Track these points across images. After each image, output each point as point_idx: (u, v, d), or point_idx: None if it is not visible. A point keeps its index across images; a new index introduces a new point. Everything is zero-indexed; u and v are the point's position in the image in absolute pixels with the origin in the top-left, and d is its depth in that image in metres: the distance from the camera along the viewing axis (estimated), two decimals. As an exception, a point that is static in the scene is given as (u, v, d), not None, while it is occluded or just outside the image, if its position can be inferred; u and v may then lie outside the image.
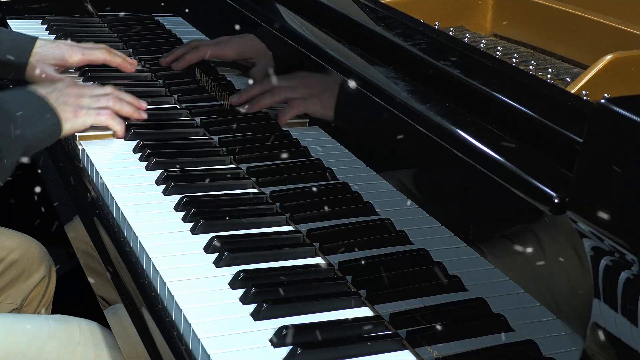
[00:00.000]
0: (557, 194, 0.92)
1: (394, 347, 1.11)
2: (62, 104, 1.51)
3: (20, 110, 1.42)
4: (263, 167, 1.50)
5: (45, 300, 1.77)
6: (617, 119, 0.85)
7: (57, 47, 1.80)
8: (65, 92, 1.53)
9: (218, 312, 1.14)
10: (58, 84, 1.54)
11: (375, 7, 1.48)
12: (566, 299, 0.95)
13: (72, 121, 1.51)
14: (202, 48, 1.80)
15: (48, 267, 1.77)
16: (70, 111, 1.51)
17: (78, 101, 1.53)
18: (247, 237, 1.33)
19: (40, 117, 1.46)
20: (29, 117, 1.43)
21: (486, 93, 1.12)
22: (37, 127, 1.44)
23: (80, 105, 1.53)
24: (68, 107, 1.51)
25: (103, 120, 1.55)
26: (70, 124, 1.50)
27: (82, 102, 1.54)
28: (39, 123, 1.45)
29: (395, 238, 1.23)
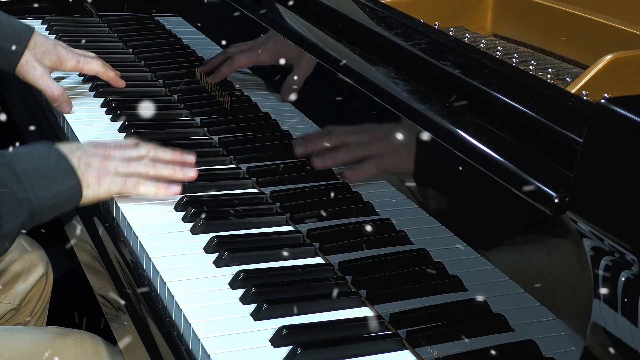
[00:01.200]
0: (557, 194, 0.92)
1: (394, 347, 1.11)
2: (85, 165, 1.29)
3: (31, 168, 1.22)
4: (263, 167, 1.50)
5: (43, 299, 1.76)
6: (617, 119, 0.85)
7: (54, 47, 1.71)
8: (91, 152, 1.31)
9: (218, 312, 1.14)
10: (84, 144, 1.34)
11: (375, 7, 1.48)
12: (566, 299, 0.95)
13: (95, 188, 1.30)
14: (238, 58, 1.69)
15: (45, 266, 1.77)
16: (93, 175, 1.29)
17: (104, 164, 1.31)
18: (247, 237, 1.33)
19: (56, 178, 1.24)
20: (41, 177, 1.22)
21: (486, 93, 1.12)
22: (49, 189, 1.23)
23: (106, 170, 1.31)
24: (91, 170, 1.29)
25: (130, 189, 1.34)
26: (92, 191, 1.29)
27: (109, 165, 1.32)
28: (52, 185, 1.23)
29: (395, 238, 1.23)
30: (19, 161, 1.22)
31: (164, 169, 1.37)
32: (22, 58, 1.67)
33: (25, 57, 1.68)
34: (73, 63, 1.72)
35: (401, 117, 1.19)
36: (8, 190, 1.18)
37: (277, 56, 1.56)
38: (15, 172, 1.21)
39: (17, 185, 1.19)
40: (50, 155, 1.26)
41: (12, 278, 1.70)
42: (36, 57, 1.68)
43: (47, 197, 1.22)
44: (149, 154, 1.37)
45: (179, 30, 2.07)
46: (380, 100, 1.23)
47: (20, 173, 1.21)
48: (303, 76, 1.51)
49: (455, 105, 1.15)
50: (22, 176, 1.21)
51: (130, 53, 2.01)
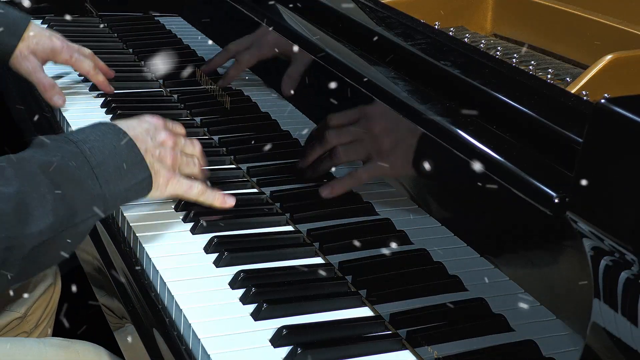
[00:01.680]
0: (557, 194, 0.92)
1: (394, 347, 1.11)
2: (159, 161, 1.24)
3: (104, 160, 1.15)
4: (263, 167, 1.50)
5: (50, 309, 1.75)
6: (617, 119, 0.85)
7: (49, 40, 1.70)
8: (161, 145, 1.25)
9: (218, 312, 1.14)
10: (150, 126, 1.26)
11: (375, 7, 1.48)
12: (566, 299, 0.95)
13: (162, 189, 1.26)
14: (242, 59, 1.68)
15: (54, 275, 1.75)
16: (164, 176, 1.25)
17: (174, 162, 1.27)
18: (247, 237, 1.33)
19: (128, 171, 1.18)
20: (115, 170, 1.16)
21: (486, 93, 1.12)
22: (122, 183, 1.17)
23: (174, 170, 1.27)
24: (163, 170, 1.24)
25: (194, 195, 1.31)
26: (159, 192, 1.25)
27: (177, 163, 1.28)
28: (125, 179, 1.17)
29: (395, 238, 1.23)
30: (92, 150, 1.15)
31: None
32: (15, 50, 1.66)
33: (19, 49, 1.66)
34: (65, 57, 1.72)
35: (401, 117, 1.19)
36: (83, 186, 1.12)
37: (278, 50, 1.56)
38: (90, 164, 1.13)
39: (92, 180, 1.13)
40: (120, 140, 1.18)
41: (21, 287, 1.68)
42: (29, 48, 1.67)
43: (120, 191, 1.17)
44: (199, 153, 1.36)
45: (179, 30, 2.07)
46: (380, 100, 1.23)
47: (95, 166, 1.14)
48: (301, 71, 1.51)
49: (455, 105, 1.15)
50: (96, 169, 1.14)
51: (130, 53, 2.01)
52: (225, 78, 1.69)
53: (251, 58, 1.65)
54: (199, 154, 1.35)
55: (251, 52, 1.64)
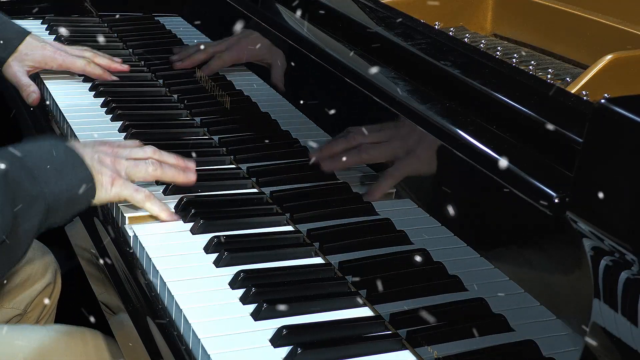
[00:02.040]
0: (557, 194, 0.92)
1: (394, 347, 1.11)
2: (99, 163, 1.26)
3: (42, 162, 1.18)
4: (263, 167, 1.50)
5: (50, 306, 1.75)
6: (617, 119, 0.85)
7: (41, 49, 1.78)
8: (99, 149, 1.29)
9: (218, 312, 1.14)
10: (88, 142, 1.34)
11: (375, 7, 1.48)
12: (566, 299, 0.95)
13: (107, 190, 1.27)
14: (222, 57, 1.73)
15: (54, 273, 1.75)
16: (108, 176, 1.27)
17: (115, 164, 1.29)
18: (247, 237, 1.33)
19: (68, 170, 1.20)
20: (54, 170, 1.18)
21: (486, 93, 1.12)
22: (63, 182, 1.19)
23: (118, 171, 1.29)
24: (105, 169, 1.27)
25: (138, 201, 1.32)
26: (104, 192, 1.27)
27: (120, 165, 1.30)
28: (65, 178, 1.19)
29: (395, 238, 1.23)
30: (29, 156, 1.18)
31: (168, 170, 1.36)
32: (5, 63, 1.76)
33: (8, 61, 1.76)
34: (58, 62, 1.79)
35: (401, 117, 1.19)
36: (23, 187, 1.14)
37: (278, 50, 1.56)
38: (27, 167, 1.16)
39: (30, 181, 1.15)
40: (58, 148, 1.22)
41: (20, 283, 1.69)
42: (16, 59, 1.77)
43: (62, 190, 1.18)
44: (154, 155, 1.36)
45: (179, 30, 2.07)
46: (381, 100, 1.23)
47: (32, 168, 1.16)
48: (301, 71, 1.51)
49: (455, 105, 1.15)
50: (34, 171, 1.16)
51: (131, 53, 2.01)
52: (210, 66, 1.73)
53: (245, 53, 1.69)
54: (152, 155, 1.35)
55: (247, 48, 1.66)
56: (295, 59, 1.52)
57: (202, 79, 1.79)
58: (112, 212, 1.42)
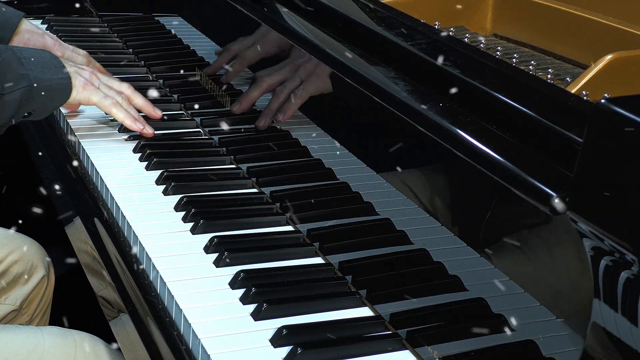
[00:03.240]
0: (557, 194, 0.92)
1: (394, 347, 1.11)
2: (75, 72, 1.49)
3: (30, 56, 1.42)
4: (263, 167, 1.50)
5: (44, 301, 1.76)
6: (617, 119, 0.85)
7: (42, 37, 1.76)
8: (81, 66, 1.52)
9: (218, 312, 1.14)
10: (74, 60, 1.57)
11: (375, 7, 1.48)
12: (566, 299, 0.95)
13: (78, 90, 1.49)
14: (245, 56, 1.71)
15: (47, 267, 1.76)
16: (80, 81, 1.49)
17: (91, 77, 1.52)
18: (247, 237, 1.33)
19: (51, 68, 1.44)
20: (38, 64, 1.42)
21: (486, 93, 1.12)
22: (45, 75, 1.42)
23: (92, 82, 1.51)
24: (79, 77, 1.49)
25: (106, 106, 1.53)
26: (75, 92, 1.49)
27: (95, 80, 1.52)
28: (47, 72, 1.43)
29: (395, 238, 1.23)
30: (20, 50, 1.44)
31: (132, 111, 1.55)
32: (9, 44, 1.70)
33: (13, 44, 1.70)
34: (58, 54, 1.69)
35: (401, 117, 1.19)
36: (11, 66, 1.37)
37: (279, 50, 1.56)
38: (16, 55, 1.41)
39: (18, 64, 1.39)
40: (45, 53, 1.47)
41: (13, 279, 1.70)
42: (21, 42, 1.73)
43: (43, 79, 1.41)
44: (126, 91, 1.56)
45: (179, 30, 2.07)
46: (381, 100, 1.23)
47: (21, 57, 1.41)
48: None
49: (455, 105, 1.15)
50: (22, 59, 1.41)
51: (130, 53, 2.01)
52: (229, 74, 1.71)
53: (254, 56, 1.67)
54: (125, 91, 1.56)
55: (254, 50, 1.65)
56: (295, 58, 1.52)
57: (202, 79, 1.79)
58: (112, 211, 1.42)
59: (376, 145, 1.33)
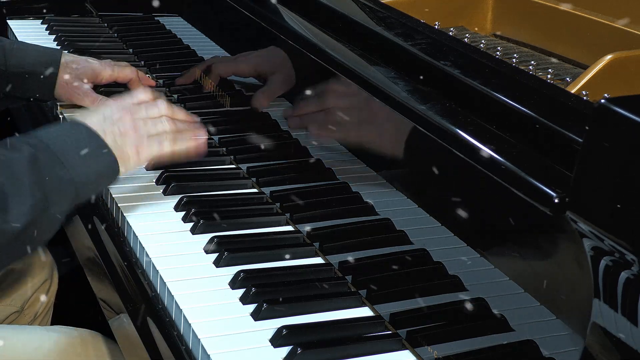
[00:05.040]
0: (557, 194, 0.92)
1: (394, 347, 1.11)
2: (121, 138, 1.28)
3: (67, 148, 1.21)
4: (263, 167, 1.50)
5: (47, 302, 1.75)
6: (617, 119, 0.85)
7: (86, 62, 1.68)
8: (118, 121, 1.29)
9: (218, 312, 1.14)
10: (105, 111, 1.31)
11: (375, 7, 1.48)
12: (566, 299, 0.95)
13: (135, 159, 1.29)
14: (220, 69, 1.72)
15: (50, 270, 1.75)
16: (131, 147, 1.29)
17: (136, 131, 1.30)
18: (247, 237, 1.33)
19: (93, 155, 1.23)
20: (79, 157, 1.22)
21: (486, 93, 1.12)
22: (89, 167, 1.22)
23: (140, 137, 1.31)
24: (128, 141, 1.29)
25: (168, 149, 1.34)
26: (133, 162, 1.29)
27: (141, 131, 1.31)
28: (91, 163, 1.23)
29: (395, 238, 1.23)
30: (54, 142, 1.21)
31: (182, 126, 1.38)
32: (58, 80, 1.65)
33: (62, 78, 1.65)
34: (109, 72, 1.69)
35: (401, 117, 1.19)
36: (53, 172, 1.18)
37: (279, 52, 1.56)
38: (54, 153, 1.19)
39: (59, 167, 1.19)
40: (80, 131, 1.25)
41: (15, 280, 1.69)
42: (72, 74, 1.66)
43: (89, 173, 1.22)
44: (168, 112, 1.37)
45: (179, 30, 2.07)
46: (380, 100, 1.23)
47: (59, 154, 1.20)
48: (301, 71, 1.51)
49: (455, 105, 1.15)
50: (61, 157, 1.20)
51: (130, 53, 2.01)
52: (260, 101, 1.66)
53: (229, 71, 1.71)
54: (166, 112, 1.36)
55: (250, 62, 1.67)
56: (295, 59, 1.52)
57: (202, 79, 1.79)
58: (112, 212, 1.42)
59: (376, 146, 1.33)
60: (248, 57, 1.67)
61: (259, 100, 1.60)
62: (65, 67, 1.65)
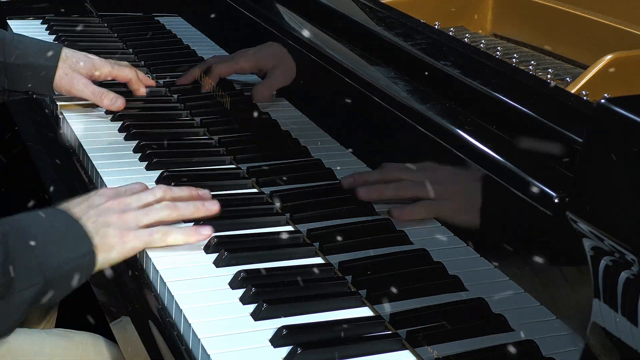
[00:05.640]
0: (557, 194, 0.92)
1: (394, 347, 1.11)
2: (104, 226, 1.19)
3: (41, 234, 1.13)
4: (263, 167, 1.50)
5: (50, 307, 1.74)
6: (617, 119, 0.85)
7: (86, 57, 1.68)
8: (104, 208, 1.21)
9: (218, 312, 1.14)
10: (94, 198, 1.23)
11: (375, 7, 1.48)
12: (566, 299, 0.95)
13: (119, 248, 1.20)
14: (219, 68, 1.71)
15: None
16: (115, 235, 1.19)
17: (124, 218, 1.21)
18: (247, 237, 1.33)
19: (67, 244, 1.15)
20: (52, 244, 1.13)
21: (486, 93, 1.12)
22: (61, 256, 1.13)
23: (127, 225, 1.21)
24: (111, 230, 1.19)
25: (158, 242, 1.24)
26: (117, 252, 1.20)
27: (129, 219, 1.22)
28: (64, 252, 1.14)
29: (395, 238, 1.23)
30: (28, 226, 1.14)
31: (185, 209, 1.27)
32: (57, 72, 1.64)
33: (62, 70, 1.65)
34: (108, 69, 1.70)
35: (401, 117, 1.19)
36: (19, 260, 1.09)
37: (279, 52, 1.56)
38: (25, 239, 1.11)
39: (28, 253, 1.10)
40: (59, 219, 1.17)
41: None
42: (72, 67, 1.66)
43: (60, 263, 1.13)
44: (165, 195, 1.27)
45: (179, 30, 2.07)
46: (380, 101, 1.23)
47: (32, 238, 1.12)
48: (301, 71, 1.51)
49: (455, 105, 1.15)
50: (32, 242, 1.11)
51: (130, 53, 2.01)
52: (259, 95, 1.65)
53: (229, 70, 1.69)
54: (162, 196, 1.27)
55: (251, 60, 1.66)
56: (295, 59, 1.52)
57: (202, 79, 1.79)
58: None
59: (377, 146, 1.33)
60: (246, 54, 1.67)
61: (260, 92, 1.58)
62: (66, 60, 1.65)
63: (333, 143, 1.42)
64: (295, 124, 1.53)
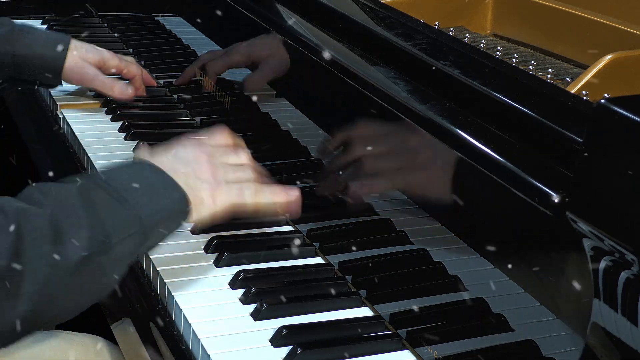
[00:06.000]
0: (557, 194, 0.92)
1: (394, 347, 1.11)
2: (195, 178, 1.14)
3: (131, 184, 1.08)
4: (262, 167, 1.50)
5: None
6: (617, 119, 0.85)
7: (94, 48, 1.68)
8: (193, 161, 1.16)
9: (218, 312, 1.14)
10: (178, 150, 1.18)
11: (375, 7, 1.48)
12: (566, 299, 0.95)
13: (208, 205, 1.15)
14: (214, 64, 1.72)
15: None
16: (205, 189, 1.14)
17: (214, 174, 1.16)
18: (247, 237, 1.33)
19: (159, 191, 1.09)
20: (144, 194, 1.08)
21: (486, 93, 1.12)
22: (156, 204, 1.08)
23: (218, 181, 1.16)
24: (203, 184, 1.14)
25: (248, 198, 1.18)
26: (207, 208, 1.15)
27: (219, 174, 1.17)
28: (158, 199, 1.09)
29: (395, 238, 1.23)
30: (117, 179, 1.08)
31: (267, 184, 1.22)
32: (66, 62, 1.63)
33: (71, 60, 1.64)
34: (116, 62, 1.70)
35: (401, 117, 1.19)
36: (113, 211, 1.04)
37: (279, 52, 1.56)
38: (116, 189, 1.06)
39: (121, 203, 1.05)
40: (144, 169, 1.11)
41: None
42: (81, 57, 1.65)
43: (155, 211, 1.08)
44: (249, 162, 1.23)
45: (179, 30, 2.07)
46: (381, 101, 1.23)
47: (122, 190, 1.06)
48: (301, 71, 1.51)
49: (455, 105, 1.15)
50: (124, 193, 1.06)
51: (131, 53, 2.01)
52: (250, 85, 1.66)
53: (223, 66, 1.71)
54: (247, 162, 1.23)
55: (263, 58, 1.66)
56: (295, 59, 1.52)
57: (202, 79, 1.79)
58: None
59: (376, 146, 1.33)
60: (239, 47, 1.68)
61: (251, 81, 1.60)
62: (74, 49, 1.64)
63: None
64: (295, 124, 1.53)
